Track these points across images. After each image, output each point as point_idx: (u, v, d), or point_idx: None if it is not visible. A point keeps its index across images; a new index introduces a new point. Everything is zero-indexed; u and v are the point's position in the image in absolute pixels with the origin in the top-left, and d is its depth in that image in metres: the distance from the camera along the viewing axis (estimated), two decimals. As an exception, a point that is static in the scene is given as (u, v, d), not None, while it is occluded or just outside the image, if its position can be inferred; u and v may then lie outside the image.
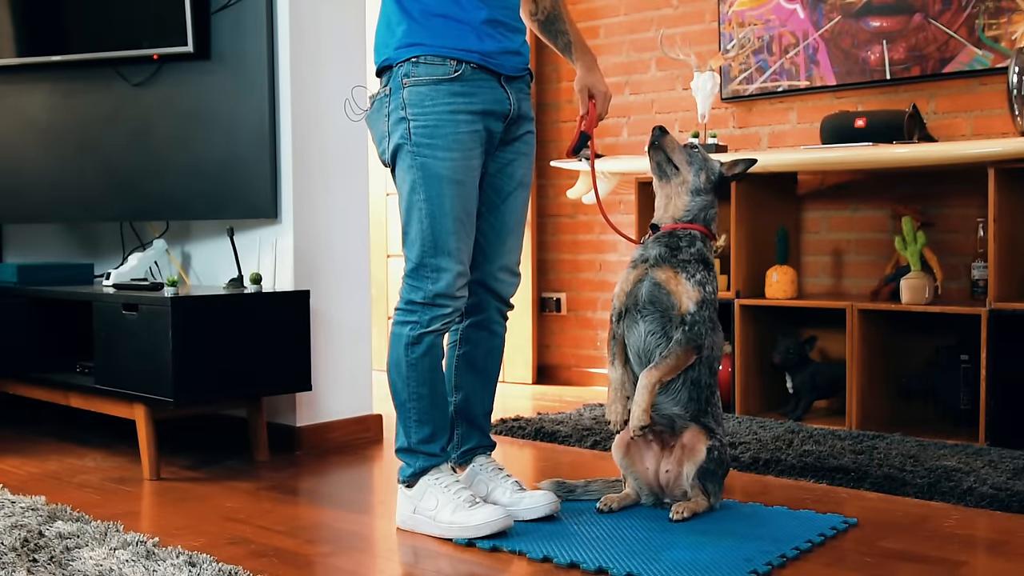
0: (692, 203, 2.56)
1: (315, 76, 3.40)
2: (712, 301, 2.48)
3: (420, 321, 2.37)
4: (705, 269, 2.49)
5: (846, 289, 4.06)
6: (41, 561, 2.14)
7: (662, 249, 2.50)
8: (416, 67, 2.34)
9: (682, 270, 2.46)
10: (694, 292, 2.44)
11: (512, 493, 2.50)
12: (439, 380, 2.44)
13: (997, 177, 3.30)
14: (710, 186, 2.58)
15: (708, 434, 2.48)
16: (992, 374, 3.27)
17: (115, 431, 3.60)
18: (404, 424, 2.43)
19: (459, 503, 2.36)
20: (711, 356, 2.50)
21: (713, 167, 2.59)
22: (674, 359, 2.42)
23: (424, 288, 2.36)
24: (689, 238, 2.51)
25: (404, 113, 2.34)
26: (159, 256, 3.68)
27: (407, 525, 2.45)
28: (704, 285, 2.46)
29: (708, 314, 2.46)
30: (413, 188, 2.35)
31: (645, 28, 4.59)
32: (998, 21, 3.63)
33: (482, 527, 2.32)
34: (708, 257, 2.52)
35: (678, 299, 2.44)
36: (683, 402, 2.48)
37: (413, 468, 2.43)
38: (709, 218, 2.58)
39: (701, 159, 2.58)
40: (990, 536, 2.43)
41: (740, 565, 2.11)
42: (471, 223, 2.41)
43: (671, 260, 2.48)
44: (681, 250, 2.49)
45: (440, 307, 2.37)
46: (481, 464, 2.59)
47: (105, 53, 3.51)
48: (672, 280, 2.45)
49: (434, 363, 2.41)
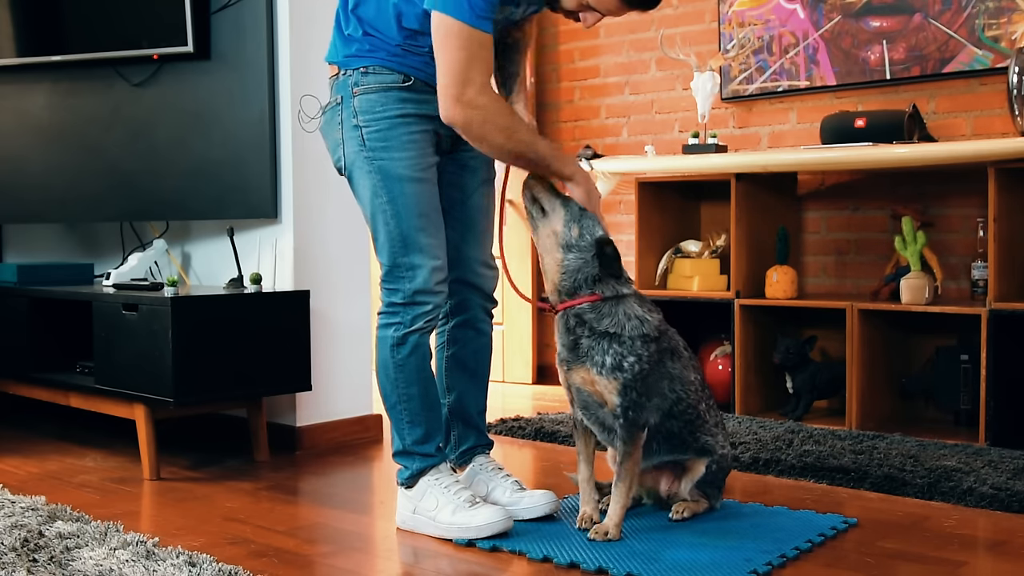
0: (566, 261, 2.29)
1: (315, 76, 3.40)
2: (635, 372, 2.26)
3: (403, 321, 2.37)
4: (609, 341, 2.26)
5: (846, 289, 4.06)
6: (41, 561, 2.14)
7: (565, 345, 2.32)
8: (365, 76, 2.35)
9: (590, 363, 2.27)
10: (611, 384, 2.26)
11: (512, 493, 2.50)
12: (429, 380, 2.43)
13: (997, 177, 3.30)
14: (583, 244, 2.28)
15: (707, 455, 2.44)
16: (992, 374, 3.27)
17: (115, 431, 3.60)
18: (397, 427, 2.43)
19: (459, 503, 2.36)
20: (675, 399, 2.36)
21: (590, 228, 2.30)
22: (630, 461, 2.29)
23: (402, 288, 2.36)
24: (578, 319, 2.29)
25: (356, 121, 2.35)
26: (159, 256, 3.68)
27: (407, 525, 2.45)
28: (616, 369, 2.25)
29: (636, 389, 2.26)
30: (375, 192, 2.35)
31: (645, 28, 4.59)
32: (998, 21, 3.63)
33: (483, 528, 2.31)
34: (606, 326, 2.27)
35: (600, 399, 2.30)
36: (668, 451, 2.43)
37: (411, 470, 2.43)
38: (594, 279, 2.29)
39: (577, 212, 2.31)
40: (990, 536, 2.43)
41: (740, 565, 2.11)
42: (439, 219, 2.40)
43: (577, 357, 2.29)
44: (580, 338, 2.29)
45: (421, 304, 2.36)
46: (480, 464, 2.59)
47: (105, 53, 3.51)
48: (588, 382, 2.30)
49: (421, 363, 2.40)
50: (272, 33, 3.34)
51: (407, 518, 2.44)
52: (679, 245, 4.24)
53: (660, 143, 4.53)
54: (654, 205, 4.22)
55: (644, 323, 2.30)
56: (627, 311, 2.29)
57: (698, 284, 4.05)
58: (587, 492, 2.42)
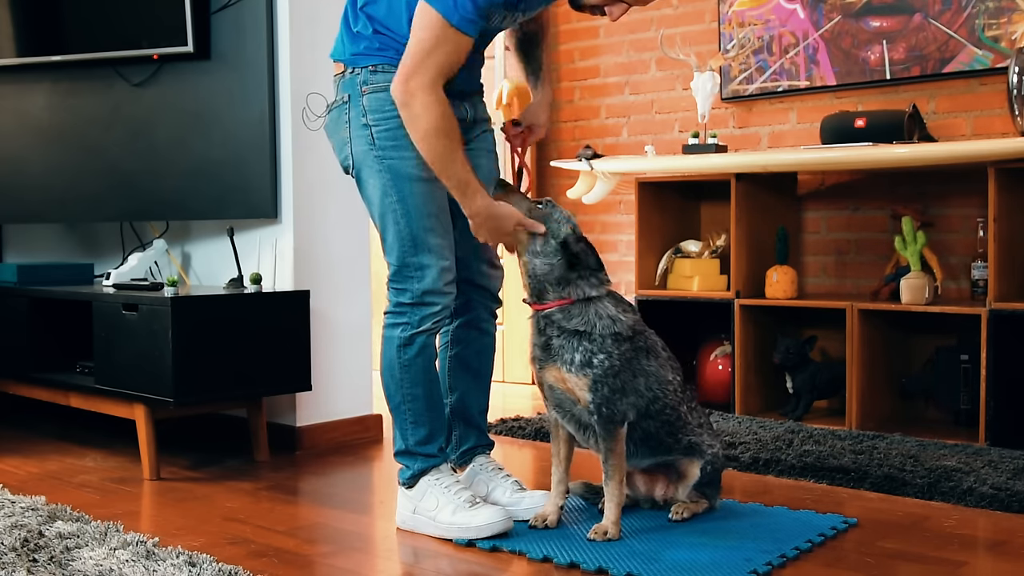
0: (531, 267, 2.32)
1: (315, 76, 3.40)
2: (605, 368, 2.26)
3: (411, 322, 2.37)
4: (579, 339, 2.28)
5: (846, 289, 4.06)
6: (41, 561, 2.14)
7: (537, 344, 2.34)
8: (375, 75, 2.34)
9: (561, 362, 2.28)
10: (581, 380, 2.27)
11: (512, 493, 2.50)
12: (434, 381, 2.43)
13: (997, 177, 3.30)
14: (549, 250, 2.30)
15: (699, 455, 2.44)
16: (992, 374, 3.27)
17: (115, 431, 3.60)
18: (400, 427, 2.43)
19: (459, 504, 2.36)
20: (652, 397, 2.35)
21: (555, 231, 2.31)
22: (614, 456, 2.29)
23: (411, 288, 2.36)
24: (547, 320, 2.31)
25: (366, 120, 2.35)
26: (159, 256, 3.68)
27: (407, 525, 2.45)
28: (586, 366, 2.26)
29: (608, 384, 2.27)
30: (385, 192, 2.35)
31: (645, 28, 4.59)
32: (998, 21, 3.63)
33: (483, 528, 2.32)
34: (575, 324, 2.28)
35: (573, 396, 2.30)
36: (649, 453, 2.42)
37: (412, 470, 2.43)
38: (562, 282, 2.31)
39: (541, 219, 2.32)
40: (990, 536, 2.43)
41: (740, 565, 2.11)
42: (447, 219, 2.40)
43: (549, 356, 2.31)
44: (552, 339, 2.31)
45: (430, 305, 2.36)
46: (481, 464, 2.59)
47: (105, 53, 3.51)
48: (559, 380, 2.31)
49: (427, 364, 2.40)
50: (272, 33, 3.34)
51: (407, 518, 2.44)
52: (679, 245, 4.24)
53: (660, 143, 4.53)
54: (654, 205, 4.22)
55: (616, 322, 2.31)
56: (598, 311, 2.30)
57: (698, 284, 4.05)
58: (553, 493, 2.42)
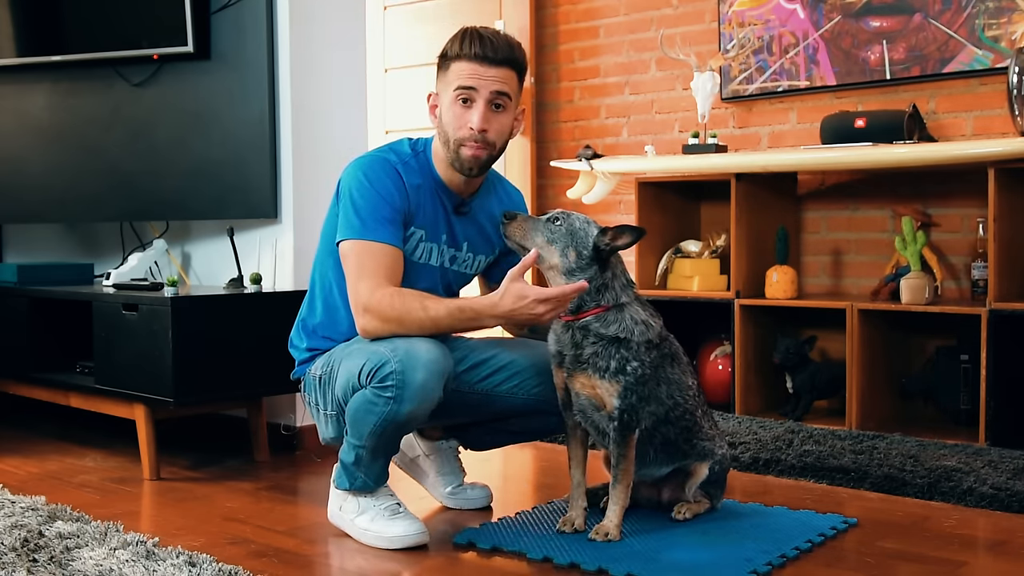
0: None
1: (315, 76, 3.40)
2: (637, 376, 2.25)
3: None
4: (616, 346, 2.24)
5: (846, 289, 4.06)
6: (41, 561, 2.14)
7: (567, 349, 2.29)
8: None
9: (593, 369, 2.25)
10: (612, 387, 2.24)
11: (453, 487, 2.67)
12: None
13: (997, 177, 3.30)
14: (584, 263, 2.25)
15: (709, 456, 2.44)
16: (992, 374, 3.27)
17: (115, 431, 3.60)
18: (355, 450, 2.34)
19: (380, 511, 2.36)
20: (672, 404, 2.35)
21: (584, 242, 2.26)
22: (625, 462, 2.28)
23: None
24: (583, 330, 2.26)
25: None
26: (159, 256, 3.68)
27: (334, 521, 2.47)
28: (620, 373, 2.24)
29: (636, 393, 2.25)
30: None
31: (645, 28, 4.59)
32: (998, 21, 3.63)
33: (395, 539, 2.32)
34: (614, 331, 2.25)
35: (600, 402, 2.27)
36: (667, 460, 2.42)
37: (350, 484, 2.39)
38: (601, 289, 2.27)
39: (566, 235, 2.26)
40: (990, 536, 2.43)
41: (740, 565, 2.11)
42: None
43: (580, 362, 2.27)
44: (584, 347, 2.26)
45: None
46: (450, 446, 2.70)
47: (105, 53, 3.51)
48: (587, 386, 2.27)
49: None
50: (272, 33, 3.34)
51: (334, 514, 2.47)
52: (679, 245, 4.24)
53: (660, 143, 4.53)
54: (654, 205, 4.22)
55: (649, 328, 2.29)
56: (633, 316, 2.28)
57: (698, 284, 4.05)
58: (576, 497, 2.40)
